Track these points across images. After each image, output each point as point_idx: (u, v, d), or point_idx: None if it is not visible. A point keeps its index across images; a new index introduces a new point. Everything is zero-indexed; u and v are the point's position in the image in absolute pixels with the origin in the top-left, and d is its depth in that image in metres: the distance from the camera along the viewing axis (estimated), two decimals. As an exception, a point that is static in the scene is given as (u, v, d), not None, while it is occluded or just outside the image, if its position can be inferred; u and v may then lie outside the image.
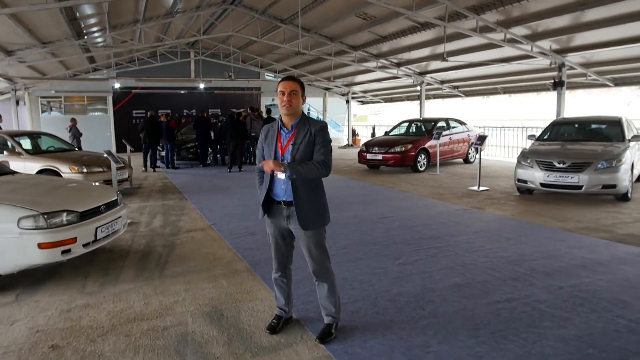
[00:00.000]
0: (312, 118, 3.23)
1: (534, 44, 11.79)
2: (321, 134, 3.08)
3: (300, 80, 3.16)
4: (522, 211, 7.58)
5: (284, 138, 3.15)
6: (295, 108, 3.08)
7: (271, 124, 3.27)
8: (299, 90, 3.09)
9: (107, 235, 5.00)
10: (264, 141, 3.24)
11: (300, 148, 3.06)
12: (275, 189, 3.17)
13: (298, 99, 3.08)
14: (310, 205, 3.11)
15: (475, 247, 5.49)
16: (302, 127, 3.10)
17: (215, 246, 5.80)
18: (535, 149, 8.97)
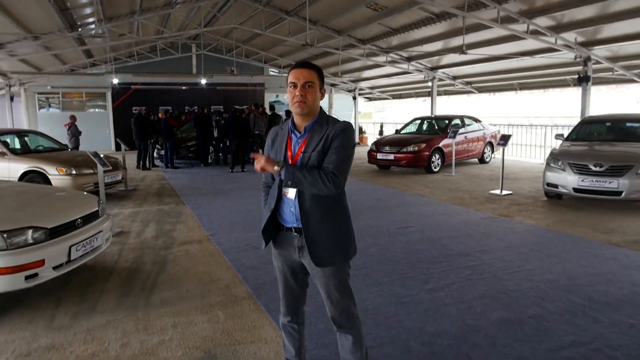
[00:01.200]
0: (332, 117, 2.43)
1: (558, 36, 10.96)
2: (340, 137, 2.28)
3: (318, 67, 2.37)
4: (556, 220, 6.79)
5: (294, 144, 2.37)
6: (311, 105, 2.30)
7: (281, 125, 2.50)
8: (317, 81, 2.31)
9: (85, 253, 4.25)
10: (271, 147, 2.46)
11: (312, 157, 2.28)
12: (283, 212, 2.40)
13: (315, 93, 2.30)
14: (327, 233, 2.34)
15: (514, 267, 4.71)
16: (318, 130, 2.32)
17: (212, 264, 5.04)
18: (566, 150, 8.17)
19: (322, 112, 2.40)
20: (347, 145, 2.28)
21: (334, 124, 2.33)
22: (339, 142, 2.26)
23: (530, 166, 13.32)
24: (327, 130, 2.30)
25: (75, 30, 12.28)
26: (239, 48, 20.17)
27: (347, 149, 2.29)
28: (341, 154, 2.25)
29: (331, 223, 2.34)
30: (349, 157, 2.30)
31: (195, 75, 19.90)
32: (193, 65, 20.38)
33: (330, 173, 2.21)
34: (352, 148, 2.33)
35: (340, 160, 2.24)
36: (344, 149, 2.27)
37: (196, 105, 21.86)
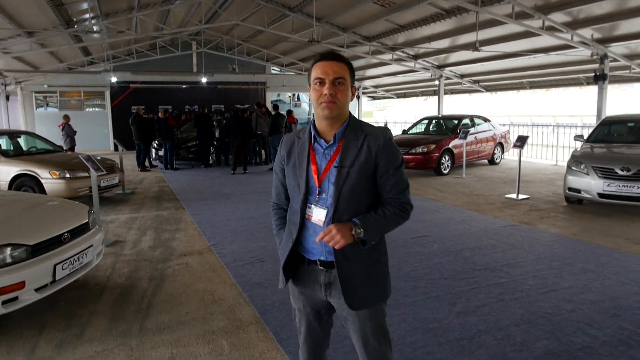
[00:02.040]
0: (365, 122, 1.98)
1: (574, 33, 10.50)
2: (389, 151, 1.85)
3: (349, 61, 1.91)
4: (583, 229, 6.33)
5: (320, 157, 1.91)
6: (342, 107, 1.85)
7: (297, 133, 2.02)
8: (348, 77, 1.85)
9: (73, 271, 3.81)
10: (286, 160, 1.98)
11: (351, 175, 1.82)
12: (306, 240, 1.93)
13: (346, 92, 1.85)
14: (364, 268, 1.89)
15: (549, 285, 4.26)
16: (352, 139, 1.87)
17: (215, 279, 4.59)
18: (589, 153, 7.71)
19: (352, 116, 1.95)
20: (401, 160, 1.90)
21: (372, 131, 1.89)
22: (393, 159, 1.87)
23: (542, 167, 12.85)
24: (364, 139, 1.86)
25: (71, 27, 11.81)
26: (240, 46, 19.73)
27: (403, 165, 1.91)
28: (402, 176, 1.89)
29: (371, 256, 1.90)
30: (406, 175, 1.93)
31: (196, 73, 19.45)
32: (193, 64, 19.93)
33: (403, 204, 1.88)
34: (404, 162, 1.94)
35: (404, 183, 1.90)
36: (401, 166, 1.89)
37: (196, 105, 21.44)
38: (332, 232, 1.73)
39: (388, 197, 1.87)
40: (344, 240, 1.73)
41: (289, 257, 1.95)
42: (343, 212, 1.83)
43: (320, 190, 1.88)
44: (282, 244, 2.02)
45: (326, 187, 1.87)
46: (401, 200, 1.87)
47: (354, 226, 1.77)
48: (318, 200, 1.88)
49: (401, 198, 1.87)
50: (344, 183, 1.83)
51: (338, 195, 1.83)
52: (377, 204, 1.90)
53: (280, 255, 2.02)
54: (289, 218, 2.01)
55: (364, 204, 1.86)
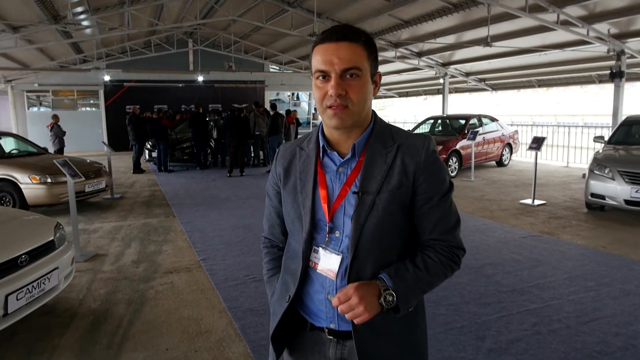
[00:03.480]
0: (396, 127, 1.38)
1: (590, 27, 9.91)
2: (432, 171, 1.27)
3: (367, 36, 1.26)
4: (612, 240, 5.74)
5: (332, 177, 1.31)
6: (359, 111, 1.24)
7: (299, 142, 1.42)
8: (366, 65, 1.23)
9: (32, 300, 3.22)
10: (283, 181, 1.39)
11: (377, 205, 1.24)
12: (310, 299, 1.34)
13: (363, 88, 1.23)
14: (393, 343, 1.29)
15: (589, 312, 3.67)
16: (379, 152, 1.28)
17: (203, 304, 4.00)
18: (613, 156, 7.13)
19: (377, 118, 1.34)
20: (449, 186, 1.31)
21: (404, 140, 1.29)
22: (438, 181, 1.28)
23: (553, 169, 12.27)
24: (397, 152, 1.26)
25: (58, 22, 11.21)
26: (237, 43, 19.11)
27: (451, 188, 1.32)
28: (449, 204, 1.31)
29: (404, 322, 1.29)
30: (455, 205, 1.35)
31: (192, 72, 18.85)
32: (189, 62, 19.36)
33: (455, 250, 1.31)
34: (452, 187, 1.34)
35: (453, 218, 1.32)
36: (448, 191, 1.30)
37: (193, 104, 20.85)
38: (352, 300, 1.15)
39: (430, 239, 1.29)
40: (368, 314, 1.16)
41: (282, 322, 1.35)
42: (365, 260, 1.24)
43: (332, 226, 1.29)
44: (275, 300, 1.42)
45: (341, 221, 1.28)
46: (450, 242, 1.30)
47: (382, 289, 1.19)
48: (328, 241, 1.29)
49: (450, 240, 1.30)
50: (367, 217, 1.24)
51: (359, 234, 1.24)
52: (414, 248, 1.32)
53: (271, 316, 1.42)
54: (285, 263, 1.41)
55: (395, 249, 1.28)
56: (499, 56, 13.09)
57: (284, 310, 1.33)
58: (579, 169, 12.38)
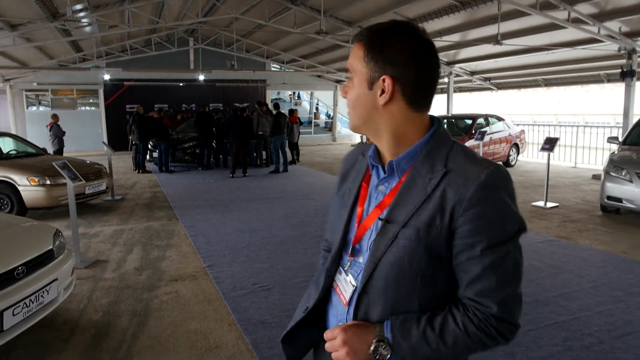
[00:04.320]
0: (460, 148, 1.07)
1: (601, 25, 9.69)
2: (479, 210, 0.97)
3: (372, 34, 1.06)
4: (632, 245, 5.54)
5: (372, 193, 1.14)
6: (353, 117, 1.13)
7: (364, 148, 1.24)
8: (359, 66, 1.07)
9: (30, 315, 3.01)
10: (338, 185, 1.27)
11: (399, 239, 1.03)
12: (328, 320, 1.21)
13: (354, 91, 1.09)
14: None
15: (620, 324, 3.46)
16: (422, 175, 1.04)
17: (210, 315, 3.79)
18: (630, 157, 6.92)
19: (439, 132, 1.09)
20: (509, 230, 0.99)
21: (457, 166, 1.02)
22: (486, 226, 0.98)
23: (561, 170, 12.05)
24: (442, 179, 1.01)
25: (57, 20, 10.97)
26: (239, 42, 18.87)
27: (509, 240, 0.99)
28: (498, 257, 0.98)
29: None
30: (516, 263, 1.00)
31: (193, 70, 18.59)
32: (190, 60, 19.10)
33: (492, 319, 0.99)
34: (514, 245, 1.00)
35: (505, 276, 0.99)
36: (503, 242, 0.99)
37: (194, 103, 20.60)
38: (336, 341, 1.04)
39: (464, 296, 1.02)
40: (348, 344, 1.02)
41: (295, 329, 1.24)
42: (376, 298, 1.07)
43: (357, 249, 1.12)
44: (300, 303, 1.30)
45: (365, 247, 1.10)
46: (488, 309, 0.99)
47: (377, 338, 1.02)
48: (351, 265, 1.14)
49: (489, 306, 0.99)
50: (385, 251, 1.04)
51: (372, 268, 1.06)
52: (450, 301, 1.05)
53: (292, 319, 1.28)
54: (318, 272, 1.27)
55: (415, 297, 1.04)
56: (505, 55, 12.86)
57: (298, 319, 1.23)
58: (587, 169, 12.18)
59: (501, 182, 1.00)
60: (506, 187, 1.00)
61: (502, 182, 1.00)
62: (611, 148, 9.26)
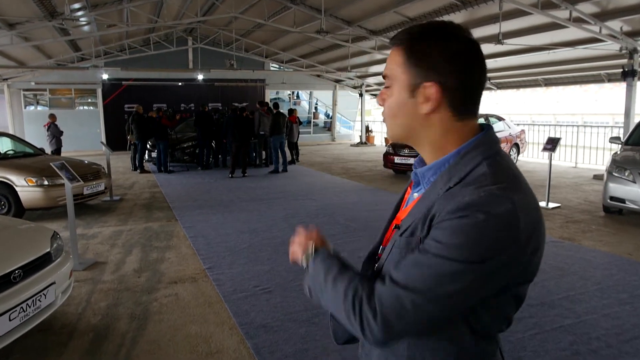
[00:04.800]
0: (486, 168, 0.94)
1: (602, 25, 9.65)
2: (444, 228, 0.88)
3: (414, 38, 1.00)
4: (637, 246, 5.49)
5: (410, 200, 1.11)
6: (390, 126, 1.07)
7: None
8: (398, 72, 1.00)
9: (26, 320, 2.94)
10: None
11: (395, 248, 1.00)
12: None
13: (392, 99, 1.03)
14: None
15: (628, 328, 3.41)
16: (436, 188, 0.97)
17: (211, 319, 3.73)
18: (632, 157, 6.87)
19: (476, 145, 0.99)
20: (456, 252, 0.86)
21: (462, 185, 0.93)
22: (443, 239, 0.87)
23: (562, 170, 12.00)
24: (445, 194, 0.94)
25: (55, 19, 10.89)
26: (238, 41, 18.78)
27: (451, 260, 0.86)
28: (432, 265, 0.88)
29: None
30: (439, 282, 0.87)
31: (192, 70, 18.51)
32: (189, 60, 19.02)
33: (367, 297, 0.92)
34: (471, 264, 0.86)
35: (411, 280, 0.89)
36: (441, 258, 0.87)
37: (193, 103, 20.52)
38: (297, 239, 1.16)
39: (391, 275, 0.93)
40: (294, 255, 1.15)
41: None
42: None
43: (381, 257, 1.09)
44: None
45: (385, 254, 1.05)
46: (376, 288, 0.93)
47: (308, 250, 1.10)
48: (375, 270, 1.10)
49: (379, 285, 0.93)
50: (386, 259, 1.03)
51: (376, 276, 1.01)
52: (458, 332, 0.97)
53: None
54: None
55: None
56: (505, 54, 12.81)
57: None
58: (588, 169, 12.15)
59: (481, 208, 0.86)
60: (482, 216, 0.85)
61: (481, 209, 0.86)
62: (612, 148, 9.22)
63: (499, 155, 0.99)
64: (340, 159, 15.92)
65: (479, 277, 0.87)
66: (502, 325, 1.02)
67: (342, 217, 7.08)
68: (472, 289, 0.88)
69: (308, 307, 3.81)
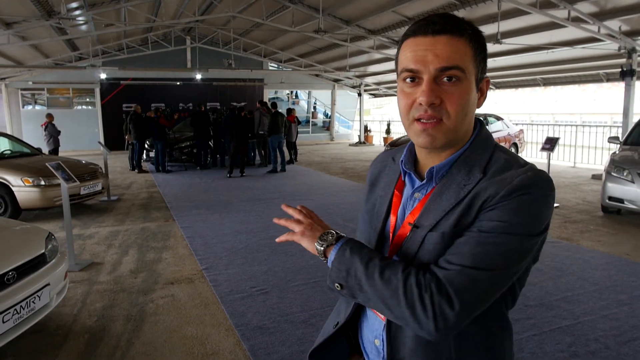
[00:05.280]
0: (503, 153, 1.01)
1: (601, 24, 9.63)
2: (503, 207, 0.91)
3: (473, 28, 0.98)
4: (635, 246, 5.48)
5: (407, 202, 1.07)
6: (456, 127, 0.97)
7: (394, 152, 1.19)
8: (470, 65, 0.96)
9: (20, 322, 2.92)
10: (367, 194, 1.21)
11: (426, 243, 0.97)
12: (364, 336, 1.16)
13: (464, 97, 0.96)
14: None
15: (626, 329, 3.39)
16: (458, 179, 0.98)
17: (207, 320, 3.70)
18: (631, 157, 6.85)
19: (482, 134, 1.04)
20: (516, 227, 0.90)
21: (498, 169, 0.96)
22: (503, 217, 0.90)
23: (561, 170, 11.99)
24: (478, 184, 0.95)
25: (52, 18, 10.85)
26: (236, 41, 18.75)
27: (513, 235, 0.90)
28: (491, 244, 0.90)
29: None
30: (505, 257, 0.90)
31: (190, 69, 18.47)
32: (187, 59, 18.97)
33: (436, 286, 0.89)
34: (525, 235, 0.91)
35: (480, 260, 0.89)
36: (504, 234, 0.90)
37: (191, 102, 20.48)
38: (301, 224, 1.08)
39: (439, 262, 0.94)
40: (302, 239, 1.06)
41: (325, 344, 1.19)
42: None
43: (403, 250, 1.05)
44: (329, 317, 1.26)
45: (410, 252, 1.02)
46: (440, 270, 0.91)
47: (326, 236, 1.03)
48: None
49: (443, 266, 0.91)
50: (414, 256, 0.99)
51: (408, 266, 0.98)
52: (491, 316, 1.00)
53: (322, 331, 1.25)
54: None
55: None
56: (504, 54, 12.79)
57: (328, 335, 1.19)
58: (586, 169, 12.14)
59: (534, 187, 0.92)
60: (537, 193, 0.92)
61: (534, 187, 0.92)
62: (611, 148, 9.22)
63: (497, 145, 1.05)
64: (339, 158, 15.90)
65: (536, 249, 0.96)
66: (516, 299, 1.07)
67: (340, 218, 7.07)
68: (528, 260, 0.96)
69: (305, 309, 3.79)
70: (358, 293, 0.97)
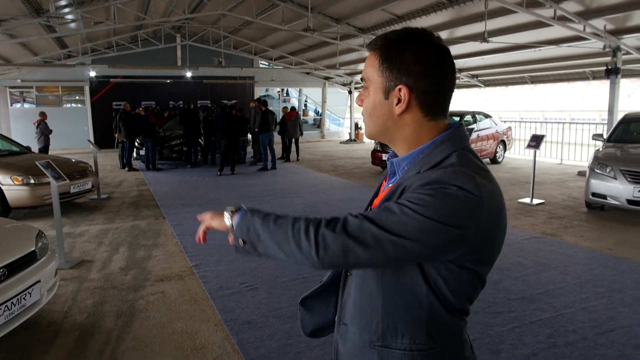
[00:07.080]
0: (456, 158, 1.04)
1: (586, 23, 9.77)
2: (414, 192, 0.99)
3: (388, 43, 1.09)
4: (617, 242, 5.61)
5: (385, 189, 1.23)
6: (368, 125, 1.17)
7: None
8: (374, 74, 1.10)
9: (10, 319, 2.96)
10: None
11: None
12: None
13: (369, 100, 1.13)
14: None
15: (604, 321, 3.51)
16: (407, 177, 1.07)
17: (197, 316, 3.77)
18: (614, 154, 7.00)
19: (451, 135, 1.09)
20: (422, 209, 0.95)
21: (437, 168, 1.03)
22: (411, 198, 0.98)
23: (547, 167, 12.17)
24: (417, 174, 1.04)
25: (41, 16, 10.80)
26: (227, 38, 18.73)
27: (414, 212, 0.96)
28: (392, 213, 0.98)
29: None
30: (403, 229, 0.96)
31: (180, 67, 18.42)
32: (177, 57, 18.91)
33: (333, 223, 1.02)
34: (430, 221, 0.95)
35: (378, 218, 0.99)
36: (406, 207, 0.97)
37: (181, 100, 20.42)
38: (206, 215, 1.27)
39: None
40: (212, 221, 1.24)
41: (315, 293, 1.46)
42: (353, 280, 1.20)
43: None
44: None
45: None
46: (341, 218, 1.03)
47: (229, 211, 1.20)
48: None
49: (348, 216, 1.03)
50: None
51: None
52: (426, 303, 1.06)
53: None
54: None
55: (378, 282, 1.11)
56: (492, 52, 12.92)
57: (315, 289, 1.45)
58: (572, 166, 12.31)
59: (446, 183, 0.97)
60: (449, 188, 0.96)
61: (447, 183, 0.97)
62: (596, 145, 9.38)
63: (467, 149, 1.08)
64: (330, 156, 15.97)
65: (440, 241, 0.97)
66: (465, 303, 1.09)
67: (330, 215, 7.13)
68: (426, 245, 0.97)
69: (293, 304, 3.86)
70: (257, 243, 1.08)
